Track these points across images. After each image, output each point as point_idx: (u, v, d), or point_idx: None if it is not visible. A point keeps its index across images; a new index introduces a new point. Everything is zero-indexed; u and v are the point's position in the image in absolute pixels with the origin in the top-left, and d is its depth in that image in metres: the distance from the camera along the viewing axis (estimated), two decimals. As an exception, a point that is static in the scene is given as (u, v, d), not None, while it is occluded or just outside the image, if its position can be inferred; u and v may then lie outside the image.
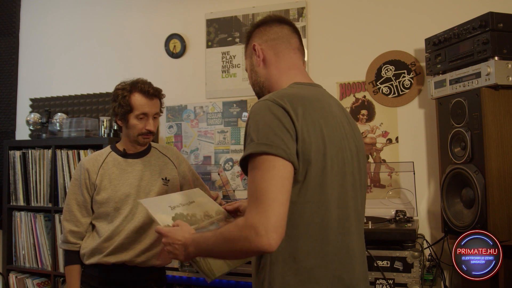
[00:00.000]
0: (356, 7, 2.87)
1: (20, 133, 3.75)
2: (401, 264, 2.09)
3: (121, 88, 1.92)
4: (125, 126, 1.94)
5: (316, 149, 1.14)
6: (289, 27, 1.37)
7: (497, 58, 2.00)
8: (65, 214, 1.94)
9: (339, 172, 1.20)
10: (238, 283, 2.38)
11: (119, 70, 3.47)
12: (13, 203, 3.11)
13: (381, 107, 2.79)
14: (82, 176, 1.92)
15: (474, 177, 2.02)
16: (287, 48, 1.34)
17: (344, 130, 1.26)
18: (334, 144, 1.19)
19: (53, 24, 3.73)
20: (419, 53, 2.70)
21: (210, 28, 3.22)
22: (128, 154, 1.98)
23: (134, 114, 1.89)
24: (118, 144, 2.03)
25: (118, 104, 1.89)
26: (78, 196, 1.93)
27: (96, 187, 1.92)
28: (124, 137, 2.00)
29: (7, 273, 3.08)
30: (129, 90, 1.90)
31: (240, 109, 3.11)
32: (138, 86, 1.92)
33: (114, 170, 1.94)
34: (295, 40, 1.36)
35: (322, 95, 1.29)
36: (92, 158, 1.97)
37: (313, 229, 1.16)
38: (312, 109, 1.18)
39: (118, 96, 1.89)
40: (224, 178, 2.96)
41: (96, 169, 1.93)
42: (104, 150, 2.04)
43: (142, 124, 1.91)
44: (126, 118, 1.90)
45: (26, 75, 3.81)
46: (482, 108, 2.01)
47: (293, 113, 1.12)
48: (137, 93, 1.91)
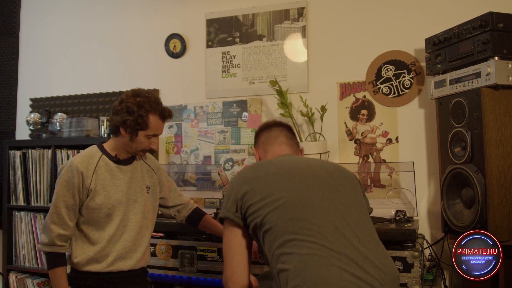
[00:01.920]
0: (356, 7, 2.87)
1: (20, 133, 3.75)
2: (401, 264, 2.09)
3: (138, 104, 1.85)
4: (129, 138, 1.88)
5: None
6: (277, 128, 1.79)
7: (497, 58, 2.00)
8: (52, 216, 1.83)
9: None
10: (238, 283, 2.38)
11: (119, 70, 3.47)
12: (13, 203, 3.11)
13: (381, 107, 2.79)
14: (76, 179, 1.83)
15: (474, 177, 2.02)
16: (273, 145, 1.75)
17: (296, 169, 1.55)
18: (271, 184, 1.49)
19: (53, 24, 3.73)
20: (419, 53, 2.70)
21: (210, 28, 3.22)
22: (120, 161, 1.95)
23: (146, 132, 1.88)
24: (108, 148, 1.95)
25: (134, 120, 1.84)
26: (68, 199, 1.83)
27: (91, 192, 1.85)
28: (119, 144, 1.93)
29: (7, 273, 3.08)
30: (148, 109, 1.86)
31: (240, 109, 3.11)
32: (158, 108, 1.89)
33: (106, 175, 1.90)
34: (281, 138, 1.76)
35: (280, 159, 1.65)
36: (85, 161, 1.88)
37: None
38: (257, 169, 1.58)
39: (134, 112, 1.84)
40: (224, 178, 2.96)
41: (90, 173, 1.87)
42: (94, 152, 1.94)
43: (148, 142, 1.91)
44: (136, 133, 1.87)
45: (26, 75, 3.81)
46: (482, 108, 2.01)
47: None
48: (156, 115, 1.89)
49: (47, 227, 1.83)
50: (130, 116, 1.83)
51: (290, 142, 1.76)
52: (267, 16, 3.08)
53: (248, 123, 3.07)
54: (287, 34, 3.03)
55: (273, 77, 2.96)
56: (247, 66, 3.11)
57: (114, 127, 1.89)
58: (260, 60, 3.09)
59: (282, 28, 3.04)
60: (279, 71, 3.03)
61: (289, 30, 3.02)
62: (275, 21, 3.06)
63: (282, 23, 3.04)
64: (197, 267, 2.42)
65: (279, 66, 3.03)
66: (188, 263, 2.43)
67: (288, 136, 1.77)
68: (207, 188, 3.17)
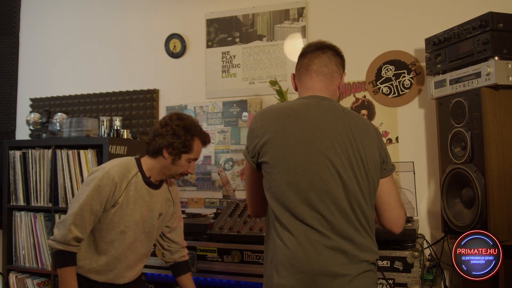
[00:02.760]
0: (356, 7, 2.87)
1: (20, 133, 3.75)
2: (401, 264, 2.09)
3: (185, 128, 1.91)
4: (171, 161, 1.91)
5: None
6: (311, 54, 1.62)
7: (497, 58, 2.00)
8: (75, 217, 1.80)
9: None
10: (238, 283, 2.38)
11: (119, 70, 3.47)
12: (13, 203, 3.11)
13: (381, 107, 2.79)
14: (109, 187, 1.83)
15: (474, 177, 2.02)
16: (305, 75, 1.62)
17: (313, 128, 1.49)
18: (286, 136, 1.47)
19: (53, 24, 3.73)
20: (419, 53, 2.70)
21: (210, 28, 3.22)
22: (151, 184, 1.98)
23: (188, 156, 1.93)
24: (145, 167, 1.96)
25: (181, 142, 1.89)
26: (95, 205, 1.82)
27: (117, 204, 1.86)
28: (157, 166, 1.95)
29: (7, 273, 3.08)
30: (193, 133, 1.93)
31: (240, 109, 3.11)
32: (201, 133, 1.98)
33: (134, 193, 1.91)
34: (312, 66, 1.61)
35: (303, 105, 1.55)
36: (122, 173, 1.88)
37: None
38: (283, 119, 1.51)
39: (181, 136, 1.89)
40: (224, 178, 2.96)
41: (124, 186, 1.87)
42: (131, 166, 1.94)
43: (187, 166, 1.96)
44: (179, 156, 1.91)
45: (26, 75, 3.81)
46: (482, 108, 2.01)
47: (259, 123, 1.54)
48: (199, 140, 1.96)
49: (67, 226, 1.80)
50: (177, 139, 1.88)
51: (323, 70, 1.59)
52: (267, 16, 3.08)
53: (248, 123, 3.07)
54: (287, 34, 3.03)
55: (273, 77, 2.96)
56: (247, 66, 3.11)
57: (156, 148, 1.91)
58: (260, 60, 3.09)
59: (282, 28, 3.04)
60: (279, 71, 3.03)
61: (289, 30, 3.02)
62: (275, 21, 3.06)
63: (282, 23, 3.04)
64: (197, 267, 2.42)
65: (279, 66, 3.04)
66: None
67: (322, 63, 1.60)
68: (207, 188, 3.17)
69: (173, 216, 2.13)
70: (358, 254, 1.40)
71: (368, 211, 1.45)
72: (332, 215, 1.40)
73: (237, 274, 2.34)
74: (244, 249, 2.33)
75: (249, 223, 2.42)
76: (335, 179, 1.42)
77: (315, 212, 1.40)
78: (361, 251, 1.41)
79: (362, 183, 1.44)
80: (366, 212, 1.44)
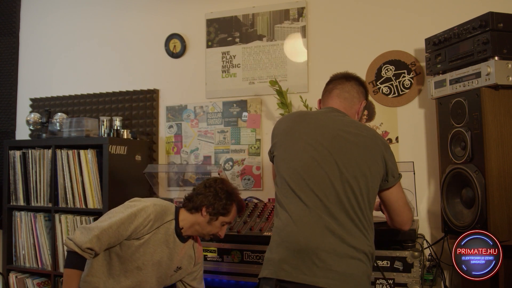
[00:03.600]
0: (356, 7, 2.87)
1: (20, 133, 3.76)
2: (401, 264, 2.09)
3: (228, 193, 2.02)
4: (208, 220, 2.00)
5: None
6: (336, 81, 1.85)
7: (497, 58, 2.00)
8: (101, 232, 1.82)
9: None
10: (238, 283, 2.38)
11: (119, 70, 3.47)
12: (13, 203, 3.11)
13: (381, 107, 2.79)
14: (141, 220, 1.88)
15: (474, 177, 2.02)
16: (327, 97, 1.84)
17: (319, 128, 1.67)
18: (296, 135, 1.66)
19: (53, 24, 3.73)
20: (419, 53, 2.70)
21: (210, 28, 3.22)
22: (181, 236, 2.03)
23: (224, 219, 2.02)
24: (181, 218, 2.02)
25: (223, 205, 1.99)
26: (123, 230, 1.85)
27: (142, 239, 1.91)
28: (192, 221, 2.02)
29: (7, 273, 3.08)
30: (234, 200, 2.04)
31: (240, 109, 3.11)
32: (240, 202, 2.08)
33: (162, 237, 1.96)
34: (334, 91, 1.82)
35: (315, 112, 1.81)
36: (160, 214, 1.94)
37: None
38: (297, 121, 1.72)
39: (222, 199, 1.99)
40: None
41: (156, 226, 1.93)
42: (170, 211, 2.00)
43: (220, 229, 2.04)
44: (216, 217, 2.00)
45: (26, 75, 3.81)
46: (482, 108, 2.01)
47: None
48: (236, 207, 2.06)
49: (90, 236, 1.80)
50: (219, 201, 1.99)
51: (344, 94, 1.79)
52: (267, 16, 3.08)
53: (248, 123, 3.07)
54: (287, 34, 3.03)
55: (273, 77, 2.96)
56: (247, 66, 3.11)
57: (197, 205, 2.00)
58: (260, 60, 3.09)
59: (282, 28, 3.04)
60: (279, 71, 3.03)
61: (289, 30, 3.02)
62: (275, 21, 3.06)
63: (282, 23, 3.04)
64: (197, 267, 2.42)
65: (279, 66, 3.04)
66: (188, 263, 2.43)
67: (345, 89, 1.80)
68: (207, 188, 3.16)
69: (193, 275, 2.18)
70: (346, 237, 1.48)
71: (361, 203, 1.53)
72: (326, 198, 1.51)
73: (237, 274, 2.34)
74: (244, 249, 2.33)
75: (249, 223, 2.42)
76: (333, 166, 1.54)
77: (312, 193, 1.52)
78: (350, 235, 1.49)
79: (360, 178, 1.55)
80: (360, 203, 1.53)
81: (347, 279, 1.44)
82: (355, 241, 1.49)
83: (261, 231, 2.33)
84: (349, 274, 1.45)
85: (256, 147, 3.05)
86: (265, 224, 2.38)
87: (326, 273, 1.43)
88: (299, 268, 1.45)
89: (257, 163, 3.04)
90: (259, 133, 3.05)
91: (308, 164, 1.56)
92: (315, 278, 1.43)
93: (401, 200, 1.68)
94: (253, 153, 3.05)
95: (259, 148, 3.04)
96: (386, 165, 1.62)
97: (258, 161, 3.04)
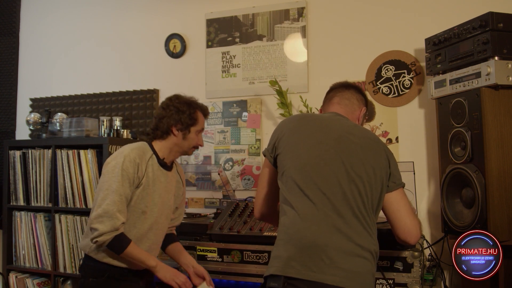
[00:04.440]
0: (356, 7, 2.87)
1: (20, 133, 3.75)
2: (401, 264, 2.09)
3: (187, 103, 2.06)
4: (182, 137, 2.04)
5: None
6: (336, 90, 1.89)
7: (497, 58, 2.00)
8: (118, 204, 1.84)
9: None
10: (238, 283, 2.38)
11: (119, 70, 3.47)
12: (13, 203, 3.11)
13: (381, 107, 2.79)
14: (132, 169, 1.90)
15: (474, 177, 2.02)
16: (328, 104, 1.88)
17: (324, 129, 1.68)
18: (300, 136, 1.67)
19: (53, 24, 3.73)
20: (419, 53, 2.70)
21: (210, 28, 3.22)
22: (165, 165, 2.06)
23: (195, 128, 2.06)
24: (157, 149, 2.05)
25: (188, 116, 2.03)
26: (126, 189, 1.89)
27: (141, 185, 1.94)
28: (168, 146, 2.05)
29: (7, 273, 3.08)
30: (194, 107, 2.08)
31: (240, 109, 3.11)
32: (200, 105, 2.11)
33: (152, 175, 1.99)
34: (335, 99, 1.86)
35: (318, 115, 1.86)
36: (140, 155, 1.96)
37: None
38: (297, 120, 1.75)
39: (185, 111, 2.03)
40: (224, 178, 2.96)
41: (144, 166, 1.96)
42: (146, 149, 2.02)
43: (197, 138, 2.10)
44: (188, 130, 2.04)
45: (26, 75, 3.81)
46: (482, 108, 2.01)
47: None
48: (201, 112, 2.10)
49: (114, 215, 1.83)
50: (182, 114, 2.02)
51: (344, 102, 1.84)
52: (267, 16, 3.08)
53: (248, 123, 3.08)
54: (287, 34, 3.03)
55: (273, 77, 2.96)
56: (247, 66, 3.11)
57: (165, 129, 2.03)
58: (260, 60, 3.09)
59: (282, 28, 3.04)
60: (279, 71, 3.03)
61: (289, 30, 3.02)
62: (275, 21, 3.06)
63: (282, 23, 3.04)
64: (197, 267, 2.42)
65: (279, 66, 3.04)
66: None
67: (345, 96, 1.85)
68: (207, 188, 3.17)
69: (181, 198, 2.24)
70: (353, 235, 1.48)
71: (366, 203, 1.54)
72: (333, 196, 1.51)
73: (237, 274, 2.34)
74: (244, 249, 2.33)
75: (249, 223, 2.42)
76: (339, 165, 1.55)
77: (319, 191, 1.52)
78: (356, 234, 1.49)
79: (365, 178, 1.55)
80: (365, 202, 1.54)
81: (353, 277, 1.45)
82: (361, 240, 1.50)
83: (261, 231, 2.33)
84: (355, 272, 1.46)
85: (256, 147, 3.05)
86: (265, 224, 2.37)
87: (333, 271, 1.44)
88: (307, 265, 1.45)
89: (257, 163, 3.04)
90: (259, 133, 3.05)
91: (315, 163, 1.57)
92: (322, 275, 1.43)
93: (403, 203, 1.61)
94: (253, 153, 3.06)
95: (259, 148, 3.04)
96: (389, 168, 1.62)
97: (258, 161, 3.04)
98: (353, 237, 1.48)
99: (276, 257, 1.52)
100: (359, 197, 1.53)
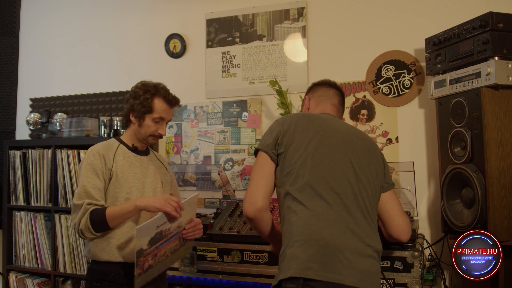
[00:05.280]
0: (356, 7, 2.87)
1: (20, 133, 3.75)
2: (401, 264, 2.09)
3: (144, 89, 1.98)
4: (138, 124, 1.99)
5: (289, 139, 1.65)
6: (335, 91, 1.90)
7: (497, 58, 2.00)
8: (79, 195, 1.83)
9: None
10: (238, 283, 2.38)
11: (119, 70, 3.47)
12: (13, 203, 3.11)
13: (381, 107, 2.79)
14: (97, 161, 1.89)
15: (474, 177, 2.02)
16: (326, 103, 1.86)
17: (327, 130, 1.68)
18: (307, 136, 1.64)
19: (53, 24, 3.73)
20: (419, 53, 2.70)
21: (210, 28, 3.22)
22: (137, 150, 2.05)
23: (151, 116, 1.97)
24: (125, 139, 2.04)
25: (140, 103, 1.95)
26: (94, 180, 1.87)
27: (112, 175, 1.92)
28: (132, 134, 2.04)
29: (7, 273, 3.09)
30: (152, 93, 1.98)
31: (240, 109, 3.11)
32: (161, 92, 2.01)
33: (124, 162, 1.97)
34: (334, 100, 1.88)
35: (322, 115, 1.77)
36: (104, 147, 1.96)
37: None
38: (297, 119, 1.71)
39: (140, 96, 1.96)
40: (224, 178, 2.96)
41: (111, 157, 1.94)
42: (112, 141, 2.02)
43: (155, 127, 2.00)
44: (143, 117, 1.97)
45: (26, 75, 3.81)
46: (482, 108, 2.01)
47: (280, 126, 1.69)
48: (160, 98, 1.99)
49: (82, 204, 1.82)
50: (136, 100, 1.96)
51: (339, 107, 1.89)
52: (267, 16, 3.08)
53: (248, 123, 3.08)
54: (287, 34, 3.03)
55: (273, 77, 2.96)
56: (247, 66, 3.11)
57: (126, 114, 2.00)
58: (260, 60, 3.09)
59: (282, 28, 3.04)
60: (279, 71, 3.03)
61: (289, 30, 3.02)
62: (275, 21, 3.06)
63: (282, 23, 3.04)
64: (197, 267, 2.42)
65: (279, 66, 3.04)
66: (188, 263, 2.43)
67: (340, 101, 1.90)
68: (207, 188, 3.17)
69: (171, 184, 2.19)
70: (363, 236, 1.50)
71: (371, 203, 1.58)
72: (345, 196, 1.52)
73: (237, 274, 2.34)
74: (244, 249, 2.33)
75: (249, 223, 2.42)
76: (348, 166, 1.57)
77: (332, 191, 1.52)
78: (366, 234, 1.51)
79: (370, 178, 1.59)
80: (371, 202, 1.58)
81: (366, 277, 1.46)
82: (370, 240, 1.52)
83: (261, 231, 2.33)
84: (367, 271, 1.47)
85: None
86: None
87: (350, 271, 1.44)
88: (326, 266, 1.44)
89: (257, 163, 3.04)
90: (259, 133, 3.05)
91: (326, 163, 1.57)
92: (340, 276, 1.43)
93: (396, 203, 1.69)
94: (253, 153, 3.05)
95: (259, 148, 3.04)
96: (384, 169, 1.69)
97: (258, 161, 3.03)
98: (364, 237, 1.50)
99: (294, 258, 1.47)
100: (366, 197, 1.55)
